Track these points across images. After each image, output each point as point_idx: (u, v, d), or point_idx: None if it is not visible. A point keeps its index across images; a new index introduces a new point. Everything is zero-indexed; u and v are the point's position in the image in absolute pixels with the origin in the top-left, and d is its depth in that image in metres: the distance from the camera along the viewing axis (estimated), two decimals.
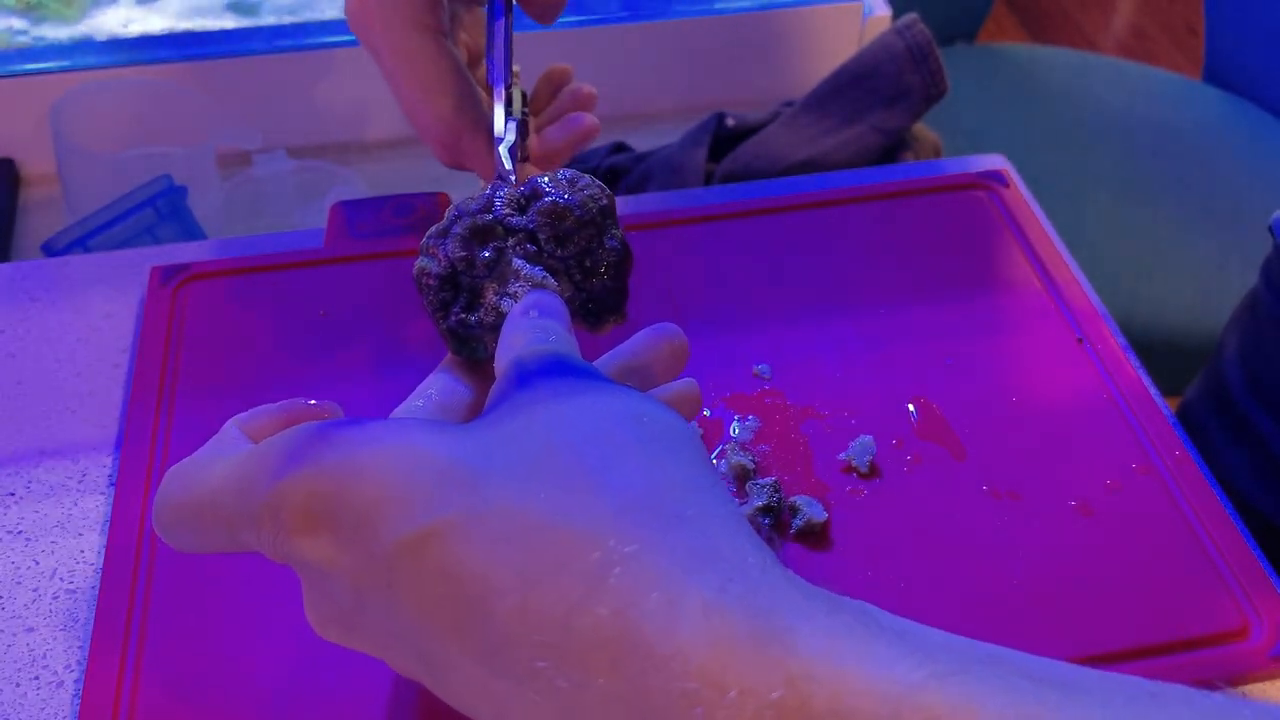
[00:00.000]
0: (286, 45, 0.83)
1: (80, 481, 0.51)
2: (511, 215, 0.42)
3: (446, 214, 0.43)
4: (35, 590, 0.47)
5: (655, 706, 0.25)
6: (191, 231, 0.73)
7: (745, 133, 0.77)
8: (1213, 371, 0.69)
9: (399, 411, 0.38)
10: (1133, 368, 0.54)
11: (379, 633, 0.30)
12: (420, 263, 0.43)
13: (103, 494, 0.50)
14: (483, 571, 0.27)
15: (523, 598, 0.27)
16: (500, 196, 0.43)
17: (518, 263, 0.42)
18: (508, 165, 0.49)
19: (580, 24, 0.88)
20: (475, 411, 0.39)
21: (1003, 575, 0.46)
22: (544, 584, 0.27)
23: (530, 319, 0.37)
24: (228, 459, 0.33)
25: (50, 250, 0.69)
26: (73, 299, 0.59)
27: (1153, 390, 0.53)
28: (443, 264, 0.42)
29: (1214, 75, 1.31)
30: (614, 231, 0.43)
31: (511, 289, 0.41)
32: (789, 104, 0.79)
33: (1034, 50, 1.32)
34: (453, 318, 0.42)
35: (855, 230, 0.61)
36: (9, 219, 0.80)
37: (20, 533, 0.49)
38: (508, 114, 0.51)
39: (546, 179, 0.43)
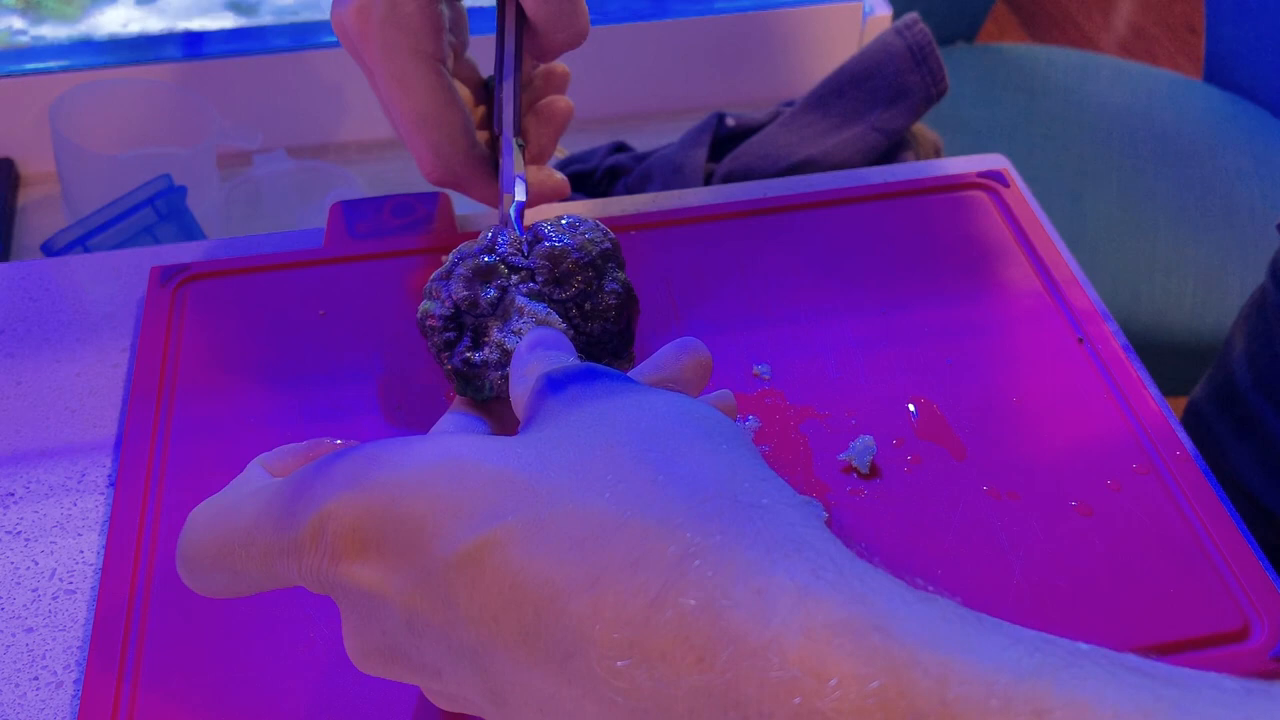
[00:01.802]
0: (286, 45, 0.84)
1: (80, 481, 0.51)
2: (514, 255, 0.43)
3: (449, 258, 0.43)
4: (35, 590, 0.47)
5: (747, 698, 0.24)
6: (191, 231, 0.73)
7: (745, 133, 0.77)
8: (1221, 370, 0.69)
9: None
10: (1133, 368, 0.54)
11: (433, 656, 0.29)
12: (424, 306, 0.43)
13: (102, 494, 0.50)
14: (550, 574, 0.26)
15: (596, 596, 0.26)
16: (503, 239, 0.43)
17: (521, 300, 0.42)
18: (517, 224, 0.48)
19: None
20: None
21: (1003, 575, 0.46)
22: (619, 580, 0.26)
23: (537, 352, 0.37)
24: (259, 492, 0.32)
25: (50, 250, 0.69)
26: (73, 299, 0.59)
27: (1153, 390, 0.53)
28: (446, 305, 0.42)
29: (1214, 75, 1.31)
30: (617, 275, 0.43)
31: (515, 326, 0.41)
32: (789, 104, 0.79)
33: (1034, 50, 1.32)
34: (457, 357, 0.42)
35: (855, 230, 0.61)
36: (9, 219, 0.80)
37: (20, 533, 0.49)
38: (518, 171, 0.50)
39: (549, 225, 0.44)
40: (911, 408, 0.52)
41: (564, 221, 0.44)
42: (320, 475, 0.30)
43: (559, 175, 0.55)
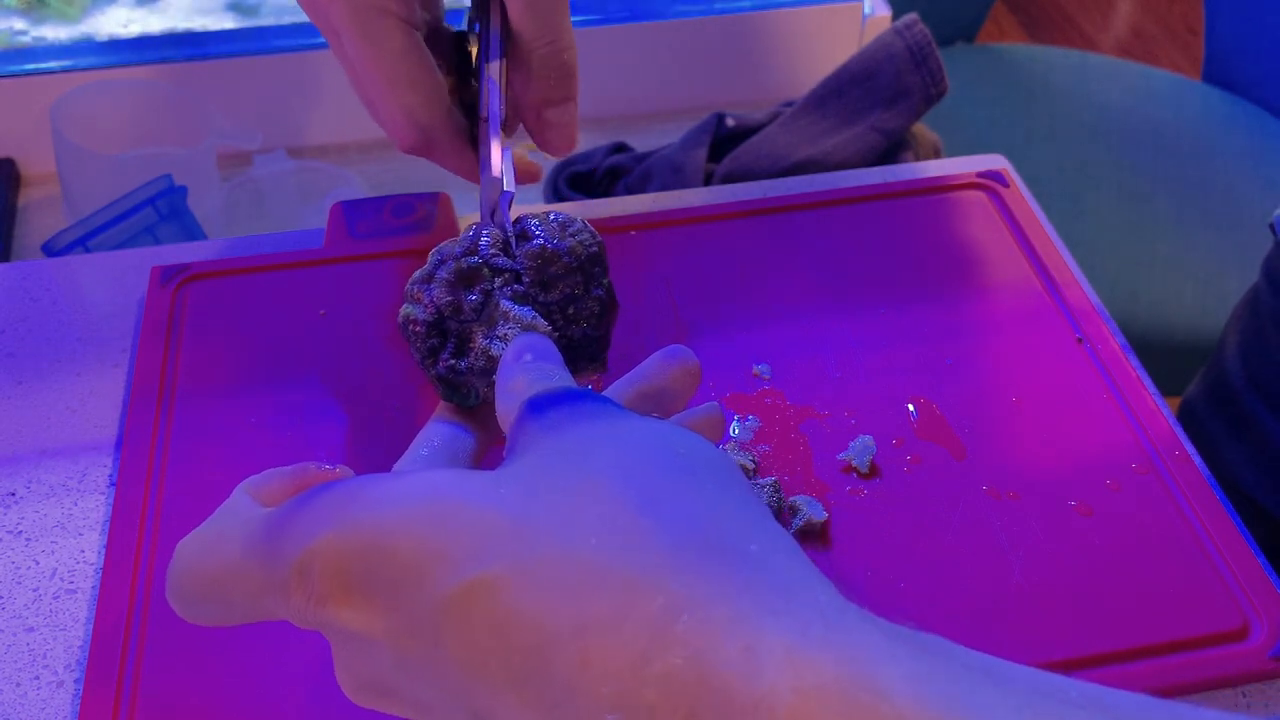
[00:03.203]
0: (286, 45, 0.84)
1: (80, 481, 0.51)
2: (497, 256, 0.42)
3: (429, 258, 0.42)
4: (35, 590, 0.47)
5: None
6: (191, 231, 0.73)
7: (745, 133, 0.78)
8: (1214, 368, 0.70)
9: (401, 463, 0.37)
10: (1133, 368, 0.54)
11: (424, 695, 0.29)
12: (405, 310, 0.42)
13: (103, 494, 0.50)
14: (538, 621, 0.26)
15: (584, 648, 0.25)
16: (485, 237, 0.42)
17: (505, 304, 0.41)
18: (505, 214, 0.46)
19: (580, 24, 0.88)
20: (480, 457, 0.38)
21: (1003, 575, 0.46)
22: (606, 633, 0.25)
23: (524, 363, 0.36)
24: (245, 525, 0.32)
25: (50, 250, 0.69)
26: (73, 299, 0.59)
27: (1153, 390, 0.53)
28: (429, 310, 0.41)
29: (1214, 75, 1.31)
30: (602, 280, 0.42)
31: (500, 331, 0.40)
32: (789, 104, 0.79)
33: (1034, 50, 1.32)
34: (441, 364, 0.41)
35: (855, 230, 0.61)
36: (9, 219, 0.80)
37: (20, 533, 0.49)
38: (504, 159, 0.48)
39: (536, 221, 0.42)
40: (911, 408, 0.52)
41: (553, 219, 0.42)
42: (304, 513, 0.30)
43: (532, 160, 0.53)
